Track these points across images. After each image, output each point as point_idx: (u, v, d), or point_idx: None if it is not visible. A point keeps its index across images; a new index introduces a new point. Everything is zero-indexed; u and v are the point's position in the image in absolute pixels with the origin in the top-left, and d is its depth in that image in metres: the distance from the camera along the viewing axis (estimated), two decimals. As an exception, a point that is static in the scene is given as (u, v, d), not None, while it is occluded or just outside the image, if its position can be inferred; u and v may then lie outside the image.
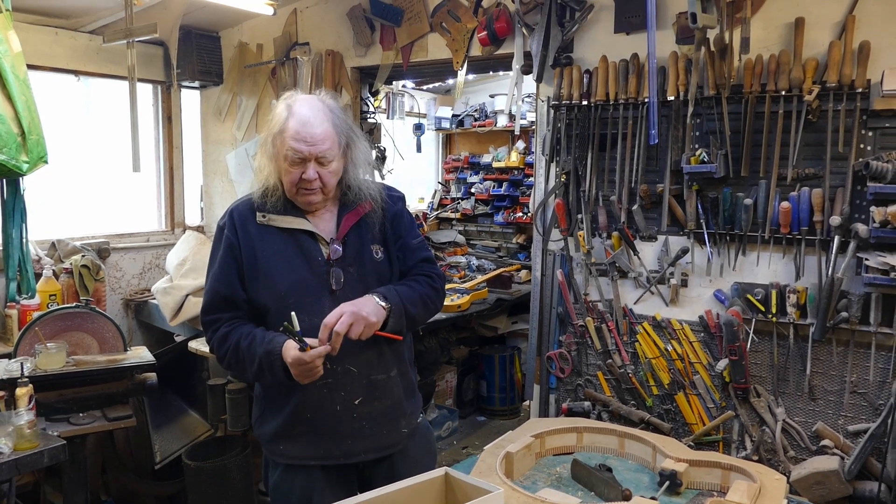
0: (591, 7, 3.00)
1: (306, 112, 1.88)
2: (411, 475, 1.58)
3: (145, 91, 4.45)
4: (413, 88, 6.10)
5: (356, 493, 1.75)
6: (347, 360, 1.92)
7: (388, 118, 5.31)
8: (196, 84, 4.55)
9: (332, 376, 1.91)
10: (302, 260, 1.93)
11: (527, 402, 3.35)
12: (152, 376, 2.71)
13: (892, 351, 2.46)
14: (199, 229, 4.62)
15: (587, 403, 3.08)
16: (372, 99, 4.23)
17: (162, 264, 4.26)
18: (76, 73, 3.99)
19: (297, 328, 1.77)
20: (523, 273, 5.20)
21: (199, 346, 3.18)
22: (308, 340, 1.77)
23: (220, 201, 4.69)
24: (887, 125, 2.42)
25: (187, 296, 3.45)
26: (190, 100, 4.71)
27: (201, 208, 4.86)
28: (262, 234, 1.94)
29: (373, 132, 4.24)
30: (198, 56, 4.36)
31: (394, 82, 4.98)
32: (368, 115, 4.20)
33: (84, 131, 4.20)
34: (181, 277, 3.58)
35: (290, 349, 1.79)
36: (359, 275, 1.97)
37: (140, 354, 2.80)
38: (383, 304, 1.87)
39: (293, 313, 1.80)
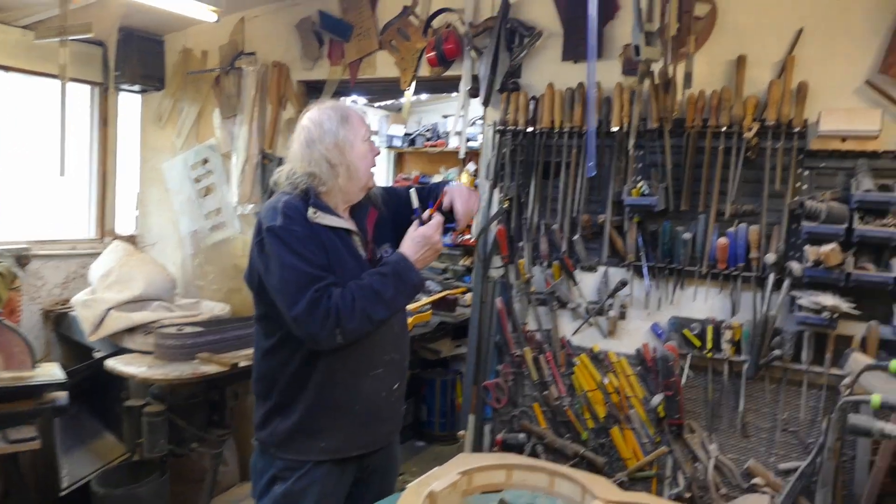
0: (540, 34, 2.98)
1: (348, 104, 2.11)
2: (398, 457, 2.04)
3: (82, 92, 4.26)
4: (365, 105, 6.02)
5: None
6: (397, 348, 2.11)
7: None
8: (136, 88, 4.37)
9: (382, 366, 2.05)
10: (351, 256, 1.99)
11: (462, 432, 3.26)
12: (62, 395, 2.54)
13: (822, 389, 2.47)
14: (131, 239, 4.42)
15: (522, 435, 3.01)
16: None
17: (89, 274, 4.05)
18: (5, 68, 3.79)
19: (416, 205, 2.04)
20: (468, 296, 5.13)
21: (118, 364, 3.00)
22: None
23: (156, 210, 4.50)
24: (822, 165, 2.45)
25: (109, 310, 3.27)
26: (130, 104, 4.52)
27: (136, 217, 4.66)
28: (317, 230, 1.92)
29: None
30: (139, 59, 4.19)
31: (344, 98, 4.89)
32: (314, 130, 4.09)
33: (10, 130, 3.98)
34: (104, 290, 3.40)
35: (414, 232, 1.98)
36: None
37: (50, 372, 2.62)
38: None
39: (412, 191, 2.08)
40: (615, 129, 2.74)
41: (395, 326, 2.12)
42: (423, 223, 1.99)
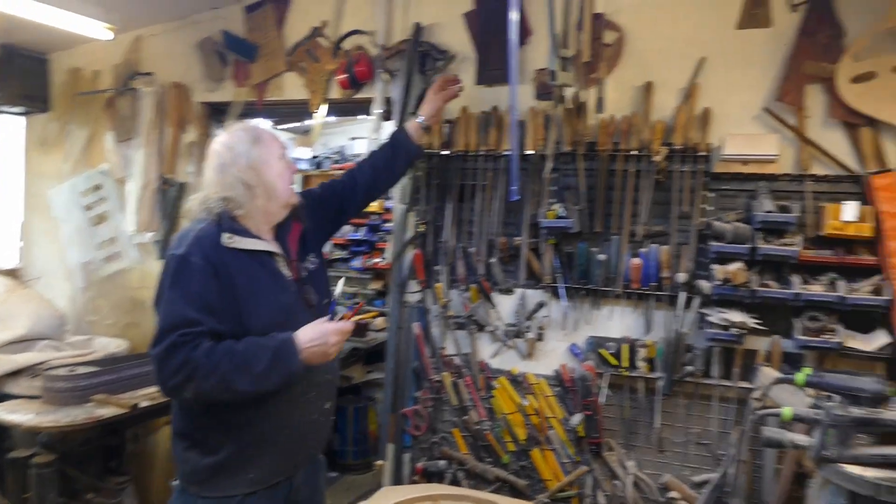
0: (453, 57, 2.98)
1: (258, 124, 2.05)
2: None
3: (-46, 113, 3.90)
4: (270, 127, 5.85)
5: None
6: (330, 368, 2.05)
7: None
8: (19, 109, 4.05)
9: (315, 388, 2.01)
10: (273, 280, 1.94)
11: (380, 462, 3.17)
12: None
13: (731, 403, 2.56)
14: (13, 273, 4.05)
15: (443, 462, 2.95)
16: (222, 136, 3.96)
17: (-37, 312, 3.67)
18: None
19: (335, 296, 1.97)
20: (380, 320, 5.05)
21: (1, 412, 2.71)
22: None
23: (41, 241, 4.16)
24: (726, 187, 2.56)
25: (-10, 350, 2.97)
26: (11, 127, 4.18)
27: (19, 249, 4.29)
28: (232, 258, 1.86)
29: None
30: (21, 79, 3.89)
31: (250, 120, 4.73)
32: (218, 154, 3.92)
33: None
34: (-16, 328, 3.09)
35: (320, 323, 1.86)
36: (316, 288, 2.08)
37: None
38: None
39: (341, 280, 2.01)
40: (530, 152, 2.77)
41: None
42: (332, 319, 1.89)
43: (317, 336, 1.84)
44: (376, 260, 5.99)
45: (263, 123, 4.89)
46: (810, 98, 2.48)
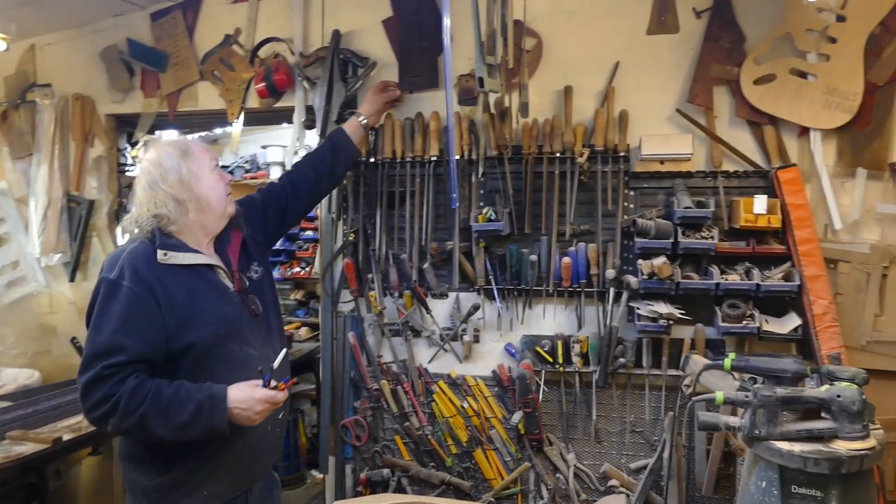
0: (374, 64, 2.97)
1: (187, 138, 2.01)
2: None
3: None
4: (178, 136, 5.63)
5: None
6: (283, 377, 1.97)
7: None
8: None
9: None
10: (215, 293, 1.92)
11: (321, 476, 3.12)
12: None
13: (661, 391, 2.69)
14: None
15: (386, 471, 2.95)
16: (130, 149, 3.78)
17: None
18: None
19: (273, 366, 1.80)
20: (303, 330, 4.98)
21: None
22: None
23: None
24: (645, 186, 2.68)
25: None
26: None
27: None
28: (168, 275, 1.83)
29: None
30: None
31: (158, 131, 4.53)
32: (126, 169, 3.74)
33: None
34: None
35: (253, 387, 1.77)
36: (261, 297, 2.06)
37: None
38: None
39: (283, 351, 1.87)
40: (456, 157, 2.79)
41: (273, 355, 2.00)
42: (266, 385, 1.81)
43: (245, 400, 1.77)
44: (296, 269, 5.88)
45: (169, 134, 4.73)
46: (718, 99, 2.64)
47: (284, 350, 1.88)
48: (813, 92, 2.50)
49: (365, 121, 2.66)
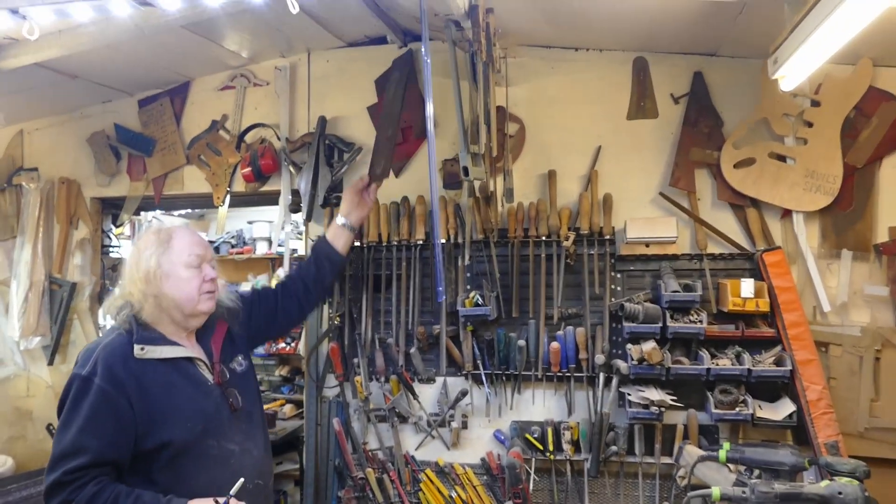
0: (360, 149, 3.00)
1: (181, 227, 1.99)
2: None
3: None
4: (162, 213, 5.62)
5: None
6: (261, 473, 1.98)
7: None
8: None
9: (246, 496, 1.81)
10: (194, 387, 1.88)
11: (304, 571, 2.99)
12: None
13: (655, 479, 2.61)
14: None
15: (373, 566, 2.82)
16: (115, 229, 3.76)
17: None
18: None
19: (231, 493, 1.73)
20: (288, 408, 4.86)
21: None
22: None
23: None
24: (632, 268, 2.68)
25: None
26: None
27: None
28: (144, 370, 1.80)
29: (116, 268, 3.74)
30: None
31: (144, 212, 4.53)
32: (111, 250, 3.71)
33: None
34: None
35: None
36: (243, 389, 2.01)
37: None
38: None
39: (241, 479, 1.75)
40: (442, 240, 2.79)
41: (255, 450, 2.00)
42: None
43: None
44: (281, 345, 5.78)
45: (153, 212, 4.74)
46: (700, 182, 2.66)
47: (241, 480, 1.75)
48: (793, 175, 2.53)
49: (345, 222, 2.53)
